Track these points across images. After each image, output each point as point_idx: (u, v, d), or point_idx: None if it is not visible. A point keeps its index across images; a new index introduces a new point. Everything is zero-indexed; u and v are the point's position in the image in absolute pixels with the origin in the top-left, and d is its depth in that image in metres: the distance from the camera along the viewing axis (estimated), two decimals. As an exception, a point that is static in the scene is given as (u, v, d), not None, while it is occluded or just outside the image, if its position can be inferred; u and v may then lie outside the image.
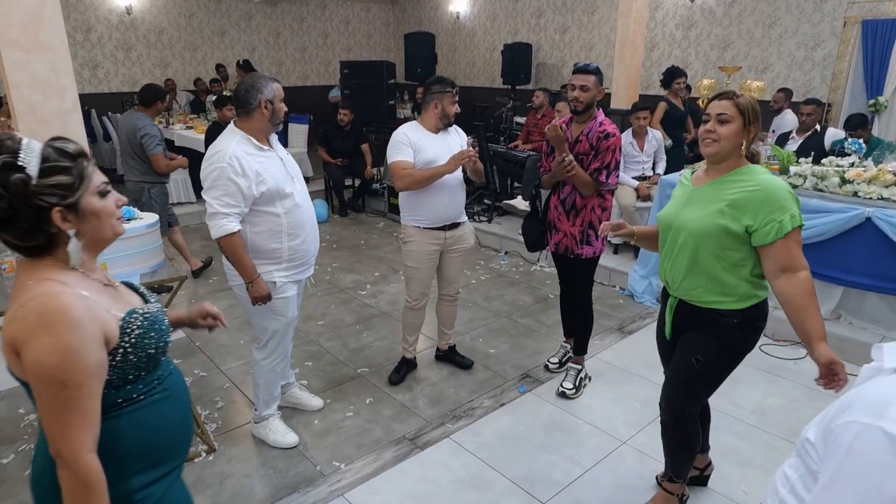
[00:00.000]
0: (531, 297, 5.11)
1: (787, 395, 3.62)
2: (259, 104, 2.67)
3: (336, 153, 7.53)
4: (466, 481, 2.86)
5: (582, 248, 3.40)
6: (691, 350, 2.32)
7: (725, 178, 2.18)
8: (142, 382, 1.39)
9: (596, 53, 9.76)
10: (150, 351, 1.39)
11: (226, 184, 2.59)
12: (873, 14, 6.92)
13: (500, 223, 6.80)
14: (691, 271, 2.23)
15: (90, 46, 9.71)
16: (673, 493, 2.59)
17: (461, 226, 3.55)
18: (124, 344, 1.34)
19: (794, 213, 2.06)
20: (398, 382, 3.69)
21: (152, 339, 1.40)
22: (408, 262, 3.52)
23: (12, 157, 1.22)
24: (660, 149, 5.90)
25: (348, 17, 12.69)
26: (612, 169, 3.26)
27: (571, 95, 3.25)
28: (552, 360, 3.89)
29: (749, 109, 2.11)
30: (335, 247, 6.39)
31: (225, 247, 2.66)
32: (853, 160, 4.38)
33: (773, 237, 2.06)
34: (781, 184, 2.11)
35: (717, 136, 2.12)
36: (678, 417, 2.42)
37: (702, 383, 2.36)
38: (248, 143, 2.67)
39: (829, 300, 4.19)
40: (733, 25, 8.11)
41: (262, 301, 2.75)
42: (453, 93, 3.33)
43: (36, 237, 1.27)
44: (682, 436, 2.46)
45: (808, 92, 7.41)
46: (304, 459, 3.01)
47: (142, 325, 1.38)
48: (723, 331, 2.24)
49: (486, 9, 11.40)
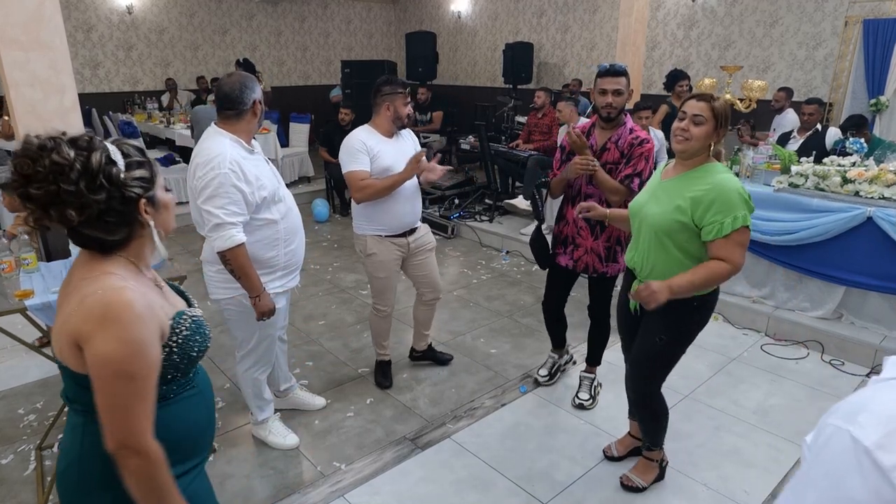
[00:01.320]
0: (533, 296, 5.10)
1: (789, 395, 3.61)
2: (253, 104, 2.57)
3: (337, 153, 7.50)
4: (467, 482, 2.86)
5: (608, 266, 3.18)
6: (654, 330, 2.50)
7: (689, 173, 2.34)
8: (176, 383, 1.42)
9: (597, 53, 9.74)
10: (193, 354, 1.44)
11: (230, 191, 2.43)
12: (874, 14, 6.90)
13: (502, 223, 6.79)
14: (655, 260, 2.40)
15: (91, 46, 9.71)
16: (653, 460, 2.81)
17: (419, 228, 3.49)
18: (171, 343, 1.37)
19: (738, 216, 2.21)
20: (390, 385, 3.66)
21: (196, 343, 1.44)
22: (376, 273, 3.39)
23: (107, 152, 1.27)
24: (661, 148, 5.88)
25: (350, 17, 12.68)
26: (645, 178, 2.94)
27: (603, 101, 2.95)
28: (542, 373, 3.71)
29: (722, 114, 2.27)
30: (336, 246, 6.39)
31: (232, 259, 2.49)
32: (854, 160, 4.37)
33: (713, 236, 2.23)
34: (733, 186, 2.24)
35: (689, 136, 2.27)
36: (644, 395, 2.65)
37: (663, 360, 2.56)
38: (239, 146, 2.53)
39: (831, 300, 4.18)
40: (735, 25, 8.09)
41: (268, 315, 2.65)
42: (405, 93, 3.21)
43: (120, 230, 1.32)
44: (650, 409, 2.67)
45: (810, 91, 7.39)
46: (304, 460, 3.01)
47: (189, 328, 1.42)
48: (682, 312, 2.42)
49: (487, 8, 11.39)
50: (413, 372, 3.83)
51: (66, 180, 1.22)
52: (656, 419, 2.70)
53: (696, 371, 3.83)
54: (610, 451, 3.04)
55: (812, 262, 4.15)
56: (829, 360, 4.00)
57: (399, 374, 3.79)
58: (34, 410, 3.38)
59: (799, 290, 4.34)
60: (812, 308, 4.27)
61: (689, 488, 2.81)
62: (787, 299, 4.39)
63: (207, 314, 4.59)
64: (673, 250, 2.35)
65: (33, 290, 2.59)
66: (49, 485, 2.67)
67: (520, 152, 6.85)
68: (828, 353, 4.06)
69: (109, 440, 1.26)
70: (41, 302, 2.53)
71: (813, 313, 4.26)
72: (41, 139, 1.24)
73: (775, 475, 2.91)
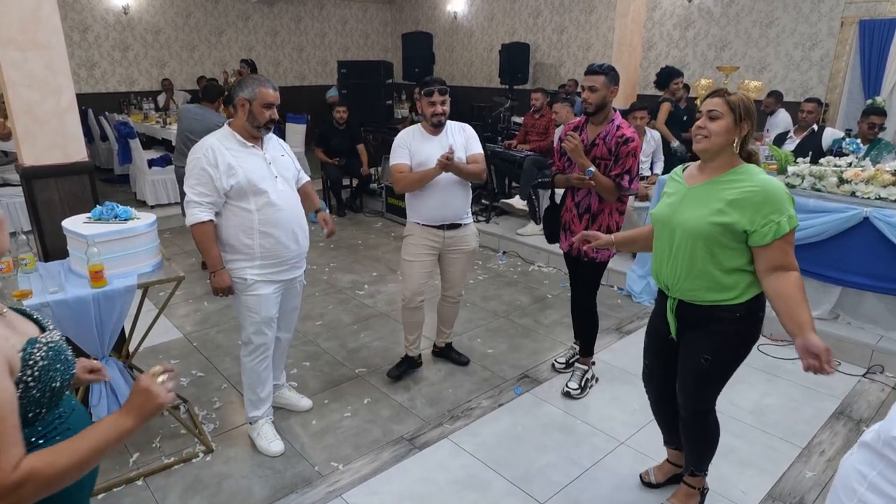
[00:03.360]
0: (529, 297, 5.10)
1: (786, 394, 3.62)
2: (238, 101, 2.74)
3: (333, 153, 7.53)
4: (465, 482, 2.86)
5: (598, 252, 3.28)
6: (697, 351, 2.32)
7: (722, 177, 2.18)
8: (41, 423, 1.29)
9: (593, 53, 9.76)
10: (56, 384, 1.29)
11: (199, 173, 2.70)
12: (870, 14, 6.93)
13: (498, 223, 6.80)
14: (691, 271, 2.22)
15: (87, 46, 9.69)
16: (694, 487, 2.62)
17: (462, 227, 3.55)
18: (26, 378, 1.23)
19: (792, 215, 2.08)
20: (397, 378, 3.70)
21: (58, 371, 1.30)
22: (405, 255, 3.56)
23: None
24: (658, 149, 5.90)
25: (346, 17, 12.68)
26: (634, 174, 3.21)
27: (581, 97, 3.22)
28: (559, 360, 3.89)
29: (740, 106, 2.12)
30: (332, 247, 6.38)
31: (196, 235, 2.76)
32: (851, 160, 4.38)
33: (770, 238, 2.07)
34: (779, 185, 2.11)
35: (707, 133, 2.15)
36: (695, 413, 2.45)
37: (713, 380, 2.38)
38: (231, 138, 2.77)
39: (827, 300, 4.19)
40: (731, 25, 8.11)
41: (223, 293, 2.82)
42: (423, 94, 3.35)
43: None
44: (702, 429, 2.49)
45: (806, 92, 7.42)
46: (301, 460, 3.01)
47: (45, 356, 1.27)
48: (727, 325, 2.25)
49: (483, 9, 11.40)
50: (412, 370, 3.83)
51: None
52: (706, 442, 2.52)
53: (692, 371, 3.84)
54: (648, 478, 2.85)
55: (808, 263, 4.16)
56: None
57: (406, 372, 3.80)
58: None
59: (795, 290, 4.34)
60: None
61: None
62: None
63: (204, 315, 4.63)
64: (706, 258, 2.18)
65: (31, 291, 2.59)
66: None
67: (516, 153, 6.86)
68: (824, 352, 4.07)
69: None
70: (39, 302, 2.53)
71: (809, 313, 4.26)
72: None
73: (772, 475, 2.92)
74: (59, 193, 3.14)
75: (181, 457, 2.99)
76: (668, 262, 2.30)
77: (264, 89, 2.71)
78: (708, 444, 2.53)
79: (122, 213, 2.92)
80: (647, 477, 2.86)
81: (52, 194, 3.13)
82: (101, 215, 2.89)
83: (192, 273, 5.33)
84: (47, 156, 3.06)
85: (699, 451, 2.55)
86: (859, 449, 1.22)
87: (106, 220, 2.88)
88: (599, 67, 3.16)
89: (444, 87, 3.35)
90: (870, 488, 1.16)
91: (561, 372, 3.82)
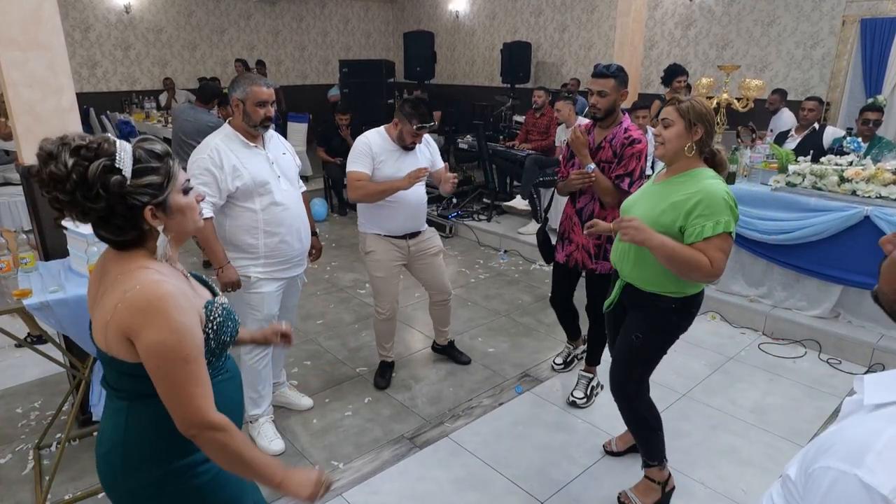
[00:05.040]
0: (530, 295, 5.10)
1: (786, 394, 3.62)
2: (232, 102, 2.75)
3: (334, 152, 7.53)
4: (465, 481, 2.86)
5: (597, 263, 3.24)
6: (632, 329, 2.51)
7: (676, 178, 2.34)
8: (212, 368, 1.46)
9: (595, 52, 9.75)
10: (226, 339, 1.50)
11: (203, 173, 2.68)
12: (872, 13, 6.91)
13: (500, 222, 6.80)
14: (638, 262, 2.40)
15: (88, 45, 9.70)
16: (654, 480, 2.67)
17: (422, 233, 3.53)
18: (207, 330, 1.43)
19: (721, 221, 2.19)
20: (386, 386, 3.66)
21: (228, 328, 1.51)
22: (374, 272, 3.45)
23: (110, 160, 1.28)
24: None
25: (347, 16, 12.68)
26: (637, 178, 3.05)
27: (590, 101, 3.09)
28: (557, 361, 3.87)
29: (690, 112, 2.25)
30: (334, 245, 6.39)
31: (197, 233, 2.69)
32: (852, 159, 4.37)
33: (693, 238, 2.21)
34: (720, 191, 2.23)
35: (662, 139, 2.31)
36: (623, 397, 2.59)
37: (640, 360, 2.53)
38: (234, 138, 2.77)
39: (828, 299, 4.19)
40: (732, 24, 8.10)
41: (231, 287, 2.80)
42: (415, 128, 3.20)
43: (129, 233, 1.36)
44: (633, 411, 2.60)
45: (807, 91, 7.41)
46: (302, 459, 3.01)
47: (221, 314, 1.49)
48: (660, 312, 2.43)
49: (485, 7, 11.39)
50: (411, 371, 3.84)
51: (62, 190, 1.27)
52: (644, 426, 2.61)
53: (693, 370, 3.84)
54: (610, 447, 3.05)
55: (809, 262, 4.16)
56: (826, 358, 4.01)
57: (397, 373, 3.80)
58: (32, 409, 3.38)
59: (796, 289, 4.35)
60: (809, 307, 4.28)
61: (687, 487, 2.81)
62: (784, 298, 4.40)
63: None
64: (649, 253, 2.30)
65: (31, 290, 2.59)
66: (47, 484, 2.67)
67: (518, 152, 6.86)
68: (825, 351, 4.07)
69: (182, 424, 1.34)
70: (39, 301, 2.53)
71: (810, 312, 4.27)
72: (48, 146, 1.27)
73: (772, 474, 2.92)
74: (59, 193, 3.14)
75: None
76: (621, 248, 2.49)
77: (256, 87, 2.70)
78: (646, 429, 2.61)
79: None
80: (608, 446, 3.06)
81: (53, 193, 3.13)
82: (101, 214, 2.89)
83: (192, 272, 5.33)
84: (48, 155, 3.06)
85: (643, 438, 2.65)
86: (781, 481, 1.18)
87: (106, 219, 2.88)
88: (608, 69, 3.00)
89: (433, 125, 3.30)
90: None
91: (559, 372, 3.82)
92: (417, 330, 4.44)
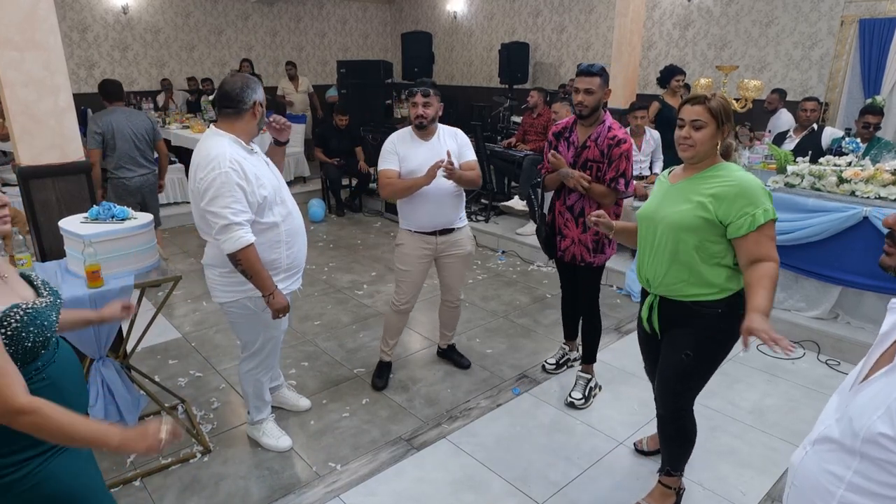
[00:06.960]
0: (528, 296, 5.10)
1: (785, 395, 3.61)
2: (253, 105, 2.56)
3: (332, 153, 7.52)
4: (463, 482, 2.85)
5: (595, 257, 3.27)
6: (679, 347, 2.36)
7: (702, 174, 2.26)
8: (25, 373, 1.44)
9: (593, 53, 9.75)
10: (27, 344, 1.47)
11: (234, 190, 2.41)
12: (870, 13, 6.92)
13: (498, 223, 6.79)
14: (673, 265, 2.28)
15: (86, 46, 9.68)
16: (670, 487, 2.65)
17: (455, 231, 3.51)
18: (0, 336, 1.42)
19: (767, 208, 2.15)
20: (384, 387, 3.65)
21: (30, 334, 1.47)
22: (399, 264, 3.52)
23: None
24: (657, 148, 5.89)
25: (345, 17, 12.67)
26: (629, 177, 3.14)
27: (576, 100, 3.09)
28: (549, 361, 3.86)
29: (721, 112, 2.19)
30: (332, 246, 6.38)
31: (243, 260, 2.46)
32: (850, 159, 4.37)
33: (745, 230, 2.14)
34: (755, 180, 2.19)
35: (692, 142, 2.21)
36: (674, 411, 2.48)
37: (694, 377, 2.41)
38: (238, 145, 2.53)
39: (827, 300, 4.18)
40: (730, 25, 8.10)
41: (283, 313, 2.64)
42: (410, 95, 3.28)
43: None
44: (678, 428, 2.51)
45: (806, 91, 7.40)
46: (299, 460, 3.00)
47: (20, 320, 1.45)
48: (707, 322, 2.29)
49: (483, 8, 11.39)
50: (409, 372, 3.83)
51: None
52: (683, 441, 2.54)
53: (692, 371, 3.83)
54: (641, 445, 3.05)
55: (808, 262, 4.16)
56: (825, 359, 4.01)
57: (395, 374, 3.79)
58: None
59: (795, 290, 4.34)
60: (808, 308, 4.28)
61: (686, 488, 2.80)
62: (783, 299, 4.39)
63: (203, 315, 4.62)
64: (688, 251, 2.23)
65: (27, 291, 2.58)
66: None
67: (515, 152, 6.85)
68: (824, 352, 4.07)
69: None
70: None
71: (809, 313, 4.26)
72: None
73: (771, 475, 2.91)
74: (56, 193, 3.14)
75: (179, 457, 2.98)
76: (651, 256, 2.36)
77: (261, 89, 2.64)
78: (685, 443, 2.55)
79: (118, 212, 2.92)
80: (640, 445, 3.05)
81: (50, 194, 3.12)
82: (97, 215, 2.88)
83: (191, 273, 5.33)
84: (45, 156, 3.06)
85: (676, 450, 2.58)
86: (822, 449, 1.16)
87: (103, 219, 2.87)
88: (593, 68, 3.07)
89: (426, 89, 3.24)
90: (850, 489, 1.11)
91: (552, 373, 3.80)
92: (416, 331, 4.44)
